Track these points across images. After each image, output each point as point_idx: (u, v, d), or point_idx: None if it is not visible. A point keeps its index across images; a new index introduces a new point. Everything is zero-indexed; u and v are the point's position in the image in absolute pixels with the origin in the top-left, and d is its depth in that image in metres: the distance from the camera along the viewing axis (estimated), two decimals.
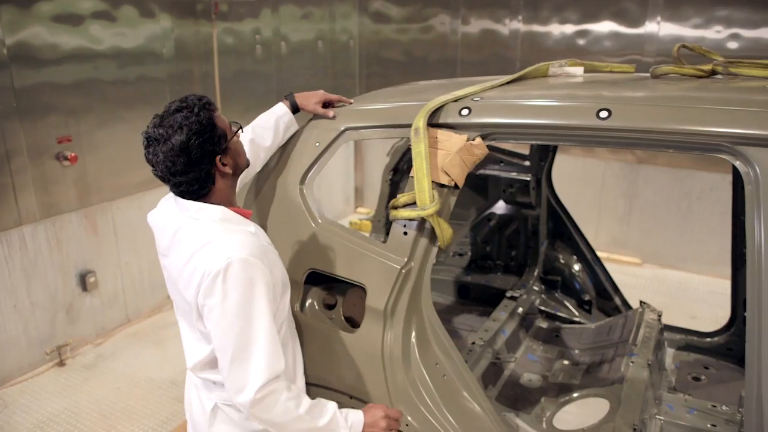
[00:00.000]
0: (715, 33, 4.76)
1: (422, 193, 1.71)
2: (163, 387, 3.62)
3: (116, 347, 4.05)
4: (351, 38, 6.16)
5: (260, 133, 1.93)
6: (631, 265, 5.44)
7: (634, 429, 1.99)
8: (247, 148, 1.81)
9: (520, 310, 2.83)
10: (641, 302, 2.90)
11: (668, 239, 5.31)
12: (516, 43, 5.54)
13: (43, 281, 3.73)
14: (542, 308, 3.01)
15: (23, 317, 3.64)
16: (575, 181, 5.52)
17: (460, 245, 3.30)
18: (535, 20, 5.41)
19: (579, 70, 2.15)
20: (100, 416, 3.36)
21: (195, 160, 1.49)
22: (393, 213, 1.80)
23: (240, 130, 1.64)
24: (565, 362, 2.65)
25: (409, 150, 2.95)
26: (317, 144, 2.01)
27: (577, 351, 2.71)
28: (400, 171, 3.09)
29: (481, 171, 3.11)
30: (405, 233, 1.79)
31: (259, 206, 2.05)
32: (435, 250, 1.82)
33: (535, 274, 3.10)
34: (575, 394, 2.35)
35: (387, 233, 2.75)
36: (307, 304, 2.01)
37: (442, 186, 1.76)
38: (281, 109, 1.98)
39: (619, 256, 5.49)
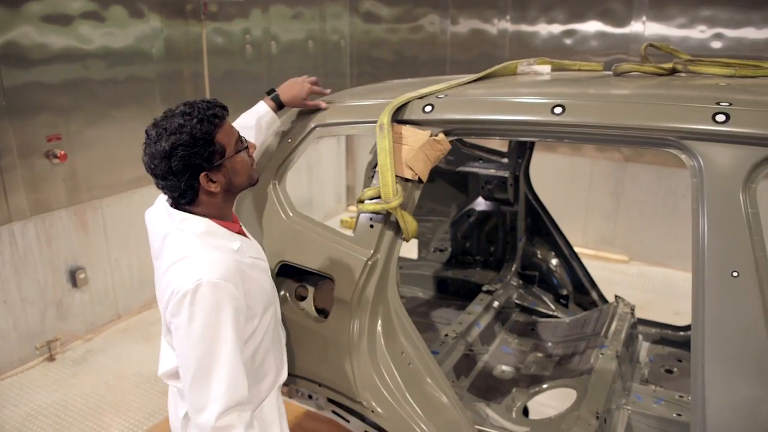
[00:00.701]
0: (699, 33, 4.82)
1: (386, 187, 1.77)
2: (150, 381, 3.68)
3: (106, 342, 4.11)
4: (342, 38, 6.22)
5: (242, 133, 1.86)
6: (618, 262, 5.49)
7: (597, 417, 2.05)
8: None
9: (496, 303, 2.89)
10: (616, 296, 2.95)
11: (654, 236, 5.37)
12: (504, 42, 5.59)
13: (33, 277, 3.79)
14: (519, 302, 3.07)
15: (13, 312, 3.70)
16: (563, 179, 5.58)
17: (441, 241, 3.36)
18: (522, 20, 5.46)
19: (546, 68, 2.21)
20: (88, 409, 3.42)
21: (175, 170, 1.45)
22: (359, 206, 1.86)
23: (244, 150, 1.58)
24: (539, 354, 2.71)
25: None
26: (289, 140, 2.07)
27: (550, 344, 2.77)
28: None
29: (461, 168, 3.16)
30: (371, 226, 1.85)
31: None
32: (400, 242, 1.87)
33: (513, 269, 3.16)
34: (545, 385, 2.40)
35: None
36: (279, 295, 2.07)
37: (407, 180, 1.82)
38: (263, 108, 1.97)
39: (606, 254, 5.54)
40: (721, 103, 1.50)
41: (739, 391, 1.42)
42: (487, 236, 3.24)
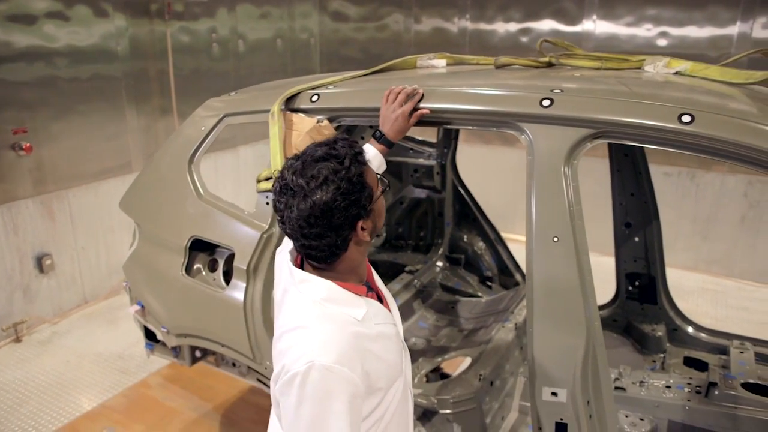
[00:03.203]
0: (645, 31, 5.01)
1: (276, 168, 1.98)
2: (110, 360, 3.90)
3: (72, 326, 4.33)
4: (312, 36, 6.43)
5: None
6: None
7: (480, 379, 2.26)
8: None
9: (417, 282, 3.10)
10: None
11: (608, 228, 5.54)
12: (465, 40, 5.80)
13: (0, 263, 4.01)
14: (444, 283, 3.28)
15: None
16: (522, 173, 5.76)
17: None
18: (481, 19, 5.67)
19: (442, 63, 2.42)
20: (47, 385, 3.64)
21: (336, 225, 1.26)
22: (257, 186, 2.07)
23: (387, 188, 1.44)
24: (453, 329, 2.92)
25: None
26: (203, 128, 2.28)
27: (464, 320, 2.98)
28: None
29: (395, 158, 3.37)
30: (267, 203, 2.06)
31: (150, 181, 2.32)
32: None
33: (440, 252, 3.36)
34: (447, 355, 2.61)
35: None
36: (194, 267, 2.28)
37: None
38: (371, 152, 1.81)
39: None
40: (554, 90, 1.70)
41: (557, 341, 1.63)
42: (418, 221, 3.45)
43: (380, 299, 1.49)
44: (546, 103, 1.66)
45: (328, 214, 1.25)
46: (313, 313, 1.29)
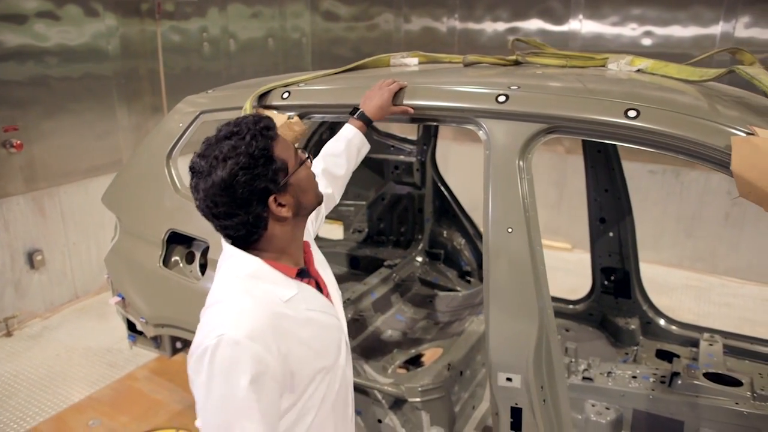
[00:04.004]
0: (630, 30, 5.07)
1: None
2: (98, 354, 3.97)
3: (63, 320, 4.40)
4: (303, 36, 6.50)
5: (333, 161, 1.79)
6: (561, 250, 5.75)
7: (448, 368, 2.32)
8: (320, 179, 1.62)
9: (395, 276, 3.17)
10: None
11: None
12: (453, 39, 5.87)
13: None
14: (423, 277, 3.34)
15: None
16: None
17: (359, 223, 3.64)
18: (470, 18, 5.74)
19: (414, 61, 2.48)
20: (37, 378, 3.71)
21: (241, 201, 1.23)
22: None
23: (308, 160, 1.38)
24: (429, 322, 2.98)
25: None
26: (180, 125, 2.35)
27: (440, 313, 3.04)
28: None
29: (377, 155, 3.44)
30: None
31: (130, 176, 2.39)
32: None
33: (420, 247, 3.43)
34: (421, 346, 2.68)
35: None
36: (172, 260, 2.35)
37: None
38: (350, 131, 1.86)
39: (550, 242, 5.79)
40: (510, 87, 1.76)
41: (512, 328, 1.69)
42: (399, 217, 3.52)
43: (320, 289, 1.44)
44: (501, 99, 1.72)
45: (230, 190, 1.22)
46: (234, 288, 1.26)
